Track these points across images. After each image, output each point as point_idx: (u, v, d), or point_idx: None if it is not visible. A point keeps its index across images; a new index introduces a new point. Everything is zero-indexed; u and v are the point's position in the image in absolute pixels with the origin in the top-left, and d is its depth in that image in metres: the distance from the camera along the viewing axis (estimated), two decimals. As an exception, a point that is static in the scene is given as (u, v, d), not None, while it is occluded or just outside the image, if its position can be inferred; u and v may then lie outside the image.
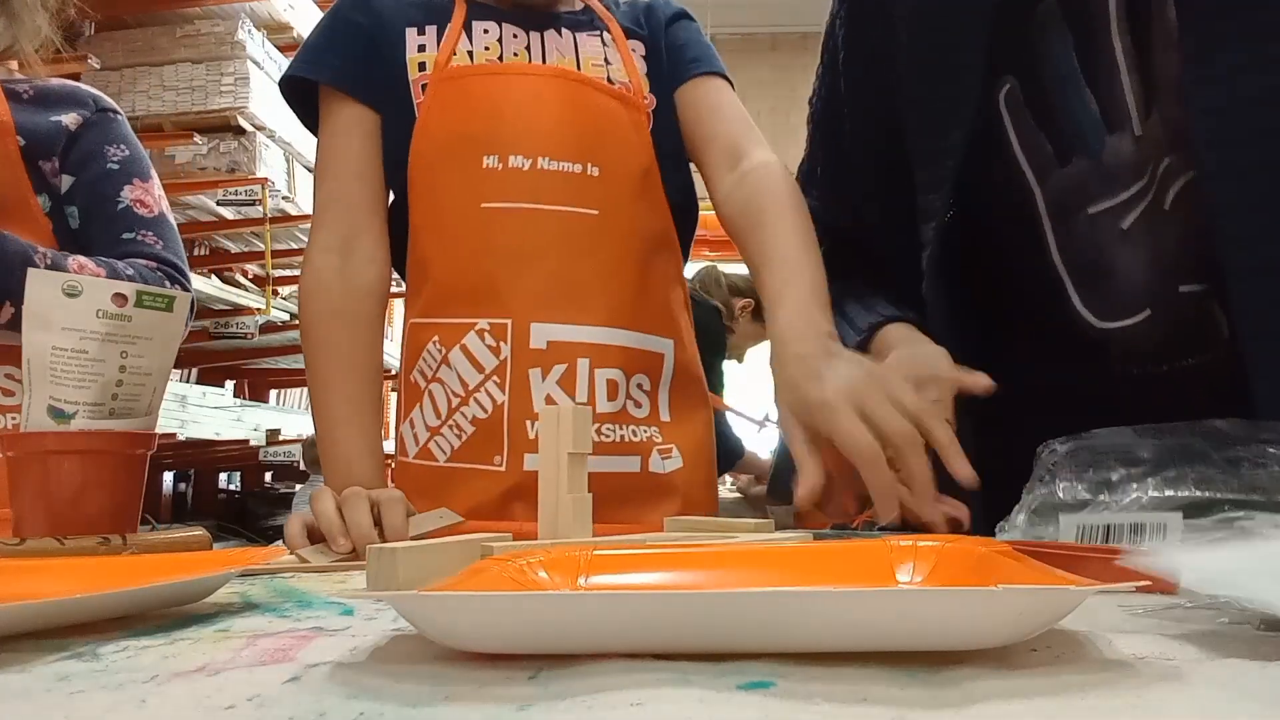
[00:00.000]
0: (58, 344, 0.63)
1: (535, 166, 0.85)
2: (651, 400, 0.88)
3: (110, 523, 0.62)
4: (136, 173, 1.11)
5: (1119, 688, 0.28)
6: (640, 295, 0.88)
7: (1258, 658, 0.32)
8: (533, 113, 0.87)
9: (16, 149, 1.04)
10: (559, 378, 0.83)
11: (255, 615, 0.42)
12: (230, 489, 4.93)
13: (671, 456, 0.89)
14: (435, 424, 0.85)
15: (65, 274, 0.65)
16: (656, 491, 0.87)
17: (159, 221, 1.10)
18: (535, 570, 0.38)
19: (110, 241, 1.06)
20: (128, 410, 0.66)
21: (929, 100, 0.75)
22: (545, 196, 0.85)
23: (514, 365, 0.83)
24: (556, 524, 0.59)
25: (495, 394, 0.83)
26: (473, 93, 0.87)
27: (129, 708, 0.27)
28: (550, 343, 0.83)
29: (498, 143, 0.85)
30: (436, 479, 0.84)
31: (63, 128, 1.07)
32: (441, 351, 0.85)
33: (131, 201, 1.08)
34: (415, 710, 0.26)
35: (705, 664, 0.30)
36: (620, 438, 0.86)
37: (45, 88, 1.11)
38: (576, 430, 0.59)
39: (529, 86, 0.88)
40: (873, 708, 0.26)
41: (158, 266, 1.06)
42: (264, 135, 2.88)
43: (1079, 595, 0.31)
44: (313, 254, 0.87)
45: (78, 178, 1.07)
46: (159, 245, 1.08)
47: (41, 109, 1.08)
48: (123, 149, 1.11)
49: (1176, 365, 0.73)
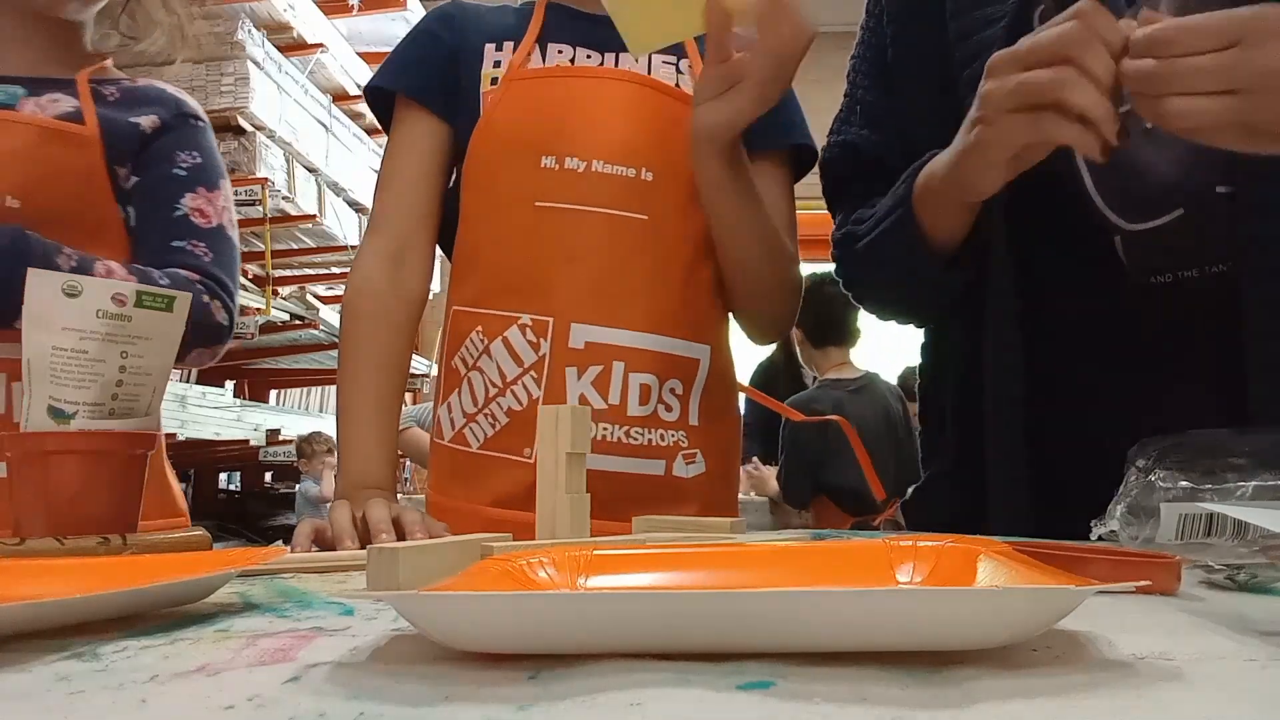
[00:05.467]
0: (58, 344, 0.63)
1: (590, 169, 0.86)
2: (682, 405, 0.89)
3: (110, 523, 0.62)
4: (203, 181, 1.06)
5: (1119, 688, 0.28)
6: (682, 301, 0.89)
7: (1258, 658, 0.32)
8: (592, 116, 0.88)
9: (103, 163, 1.00)
10: (594, 378, 0.85)
11: (255, 615, 0.42)
12: (230, 489, 4.93)
13: (695, 461, 0.89)
14: (472, 411, 0.88)
15: (65, 274, 0.65)
16: (676, 495, 0.87)
17: (215, 234, 1.05)
18: (535, 570, 0.38)
19: (159, 248, 1.02)
20: (128, 410, 0.66)
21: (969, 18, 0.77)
22: (596, 199, 0.86)
23: (552, 362, 0.85)
24: (555, 524, 0.59)
25: (531, 388, 0.85)
26: (539, 94, 0.89)
27: (129, 708, 0.27)
28: (588, 343, 0.85)
29: (556, 144, 0.87)
30: (468, 464, 0.88)
31: (139, 130, 1.04)
32: (484, 342, 0.88)
33: (190, 209, 1.04)
34: (415, 710, 0.26)
35: (705, 664, 0.30)
36: (648, 441, 0.87)
37: (132, 89, 1.08)
38: (575, 430, 0.59)
39: (593, 89, 0.89)
40: (873, 708, 0.26)
41: (200, 280, 1.01)
42: (264, 135, 2.88)
43: (1079, 595, 0.31)
44: (365, 257, 0.91)
45: (141, 179, 1.04)
46: (208, 258, 1.03)
47: (124, 110, 1.05)
48: (195, 156, 1.07)
49: (1206, 271, 0.72)
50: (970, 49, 0.79)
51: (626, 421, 0.85)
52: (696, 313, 0.90)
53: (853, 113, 0.92)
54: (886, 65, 0.89)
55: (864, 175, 0.89)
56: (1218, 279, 0.71)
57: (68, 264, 0.92)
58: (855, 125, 0.91)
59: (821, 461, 2.60)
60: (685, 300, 0.89)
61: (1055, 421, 0.76)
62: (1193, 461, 0.56)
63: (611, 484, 0.82)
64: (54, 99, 1.01)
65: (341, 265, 3.73)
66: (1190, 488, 0.54)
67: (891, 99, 0.89)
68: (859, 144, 0.89)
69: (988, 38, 0.77)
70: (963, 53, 0.79)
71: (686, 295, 0.89)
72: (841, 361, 2.79)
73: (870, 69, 0.92)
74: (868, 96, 0.91)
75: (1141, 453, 0.59)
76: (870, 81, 0.91)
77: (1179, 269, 0.72)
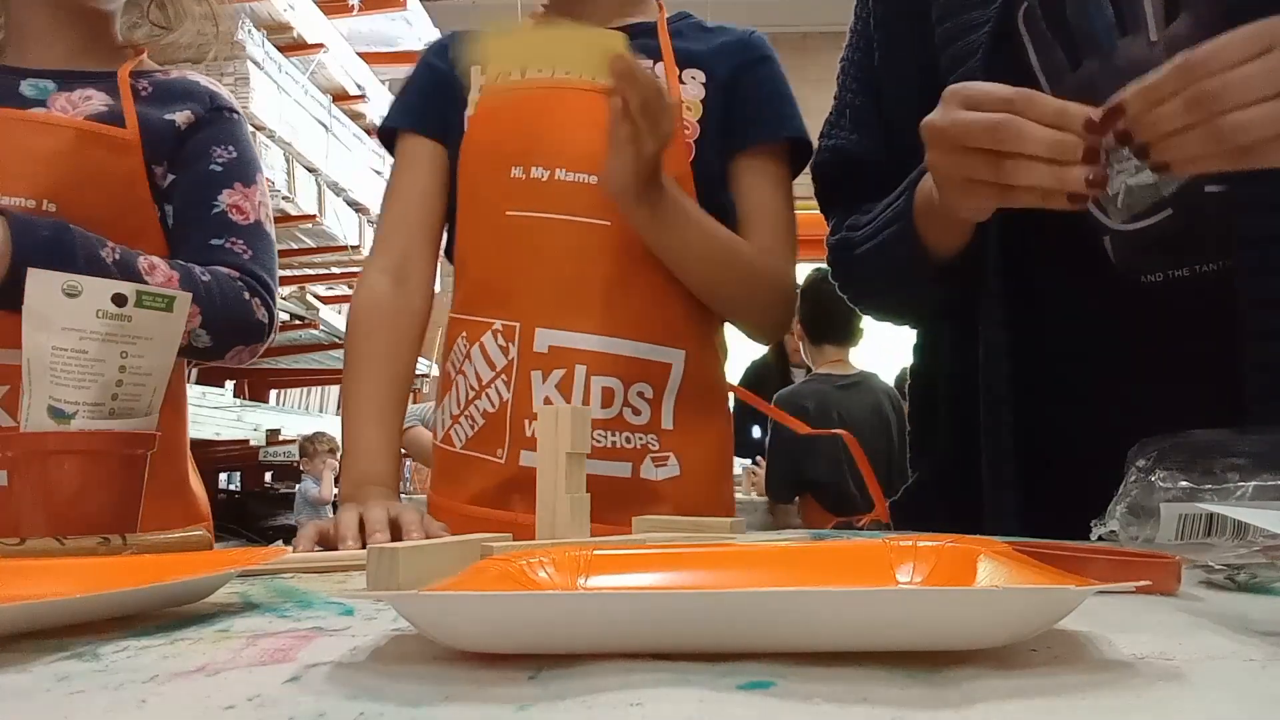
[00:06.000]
0: (58, 344, 0.63)
1: (553, 177, 0.89)
2: (653, 408, 0.89)
3: (110, 523, 0.62)
4: (240, 176, 1.05)
5: (1119, 688, 0.28)
6: (651, 304, 0.89)
7: (1258, 658, 0.32)
8: (555, 126, 0.90)
9: (143, 166, 0.99)
10: (557, 382, 0.87)
11: (255, 615, 0.42)
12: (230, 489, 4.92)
13: (667, 464, 0.90)
14: (456, 412, 0.93)
15: (65, 274, 0.65)
16: (646, 498, 0.88)
17: (253, 230, 1.04)
18: (535, 570, 0.38)
19: (199, 246, 1.01)
20: (128, 410, 0.66)
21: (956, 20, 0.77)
22: (560, 206, 0.89)
23: (519, 366, 0.88)
24: (555, 523, 0.59)
25: (502, 391, 0.88)
26: (511, 108, 0.93)
27: (129, 708, 0.27)
28: (551, 347, 0.87)
29: (524, 155, 0.90)
30: (454, 463, 0.92)
31: (175, 127, 1.03)
32: (466, 346, 0.92)
33: (228, 206, 1.03)
34: (415, 710, 0.26)
35: (705, 664, 0.30)
36: (612, 444, 0.88)
37: (165, 83, 1.06)
38: (575, 431, 0.59)
39: (556, 100, 0.91)
40: (873, 708, 0.26)
41: (240, 276, 1.01)
42: (264, 135, 2.87)
43: (1079, 595, 0.31)
44: (370, 273, 0.95)
45: (179, 176, 1.03)
46: (247, 255, 1.02)
47: (158, 105, 1.03)
48: (230, 150, 1.05)
49: (1197, 271, 0.71)
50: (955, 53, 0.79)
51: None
52: (669, 316, 0.90)
53: (842, 116, 0.92)
54: (874, 67, 0.89)
55: (854, 179, 0.89)
56: (1210, 278, 0.71)
57: (111, 257, 0.91)
58: (844, 129, 0.91)
59: (804, 457, 2.60)
60: (655, 303, 0.89)
61: (1048, 422, 0.76)
62: (1193, 461, 0.56)
63: None
64: (86, 95, 1.00)
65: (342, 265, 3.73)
66: (1190, 488, 0.54)
67: (879, 102, 0.89)
68: (849, 148, 0.90)
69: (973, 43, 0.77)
70: (948, 59, 0.79)
71: (656, 298, 0.89)
72: (837, 359, 2.78)
73: (859, 72, 0.92)
74: (856, 100, 0.91)
75: (1141, 453, 0.59)
76: (859, 85, 0.91)
77: (1170, 269, 0.72)
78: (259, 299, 1.02)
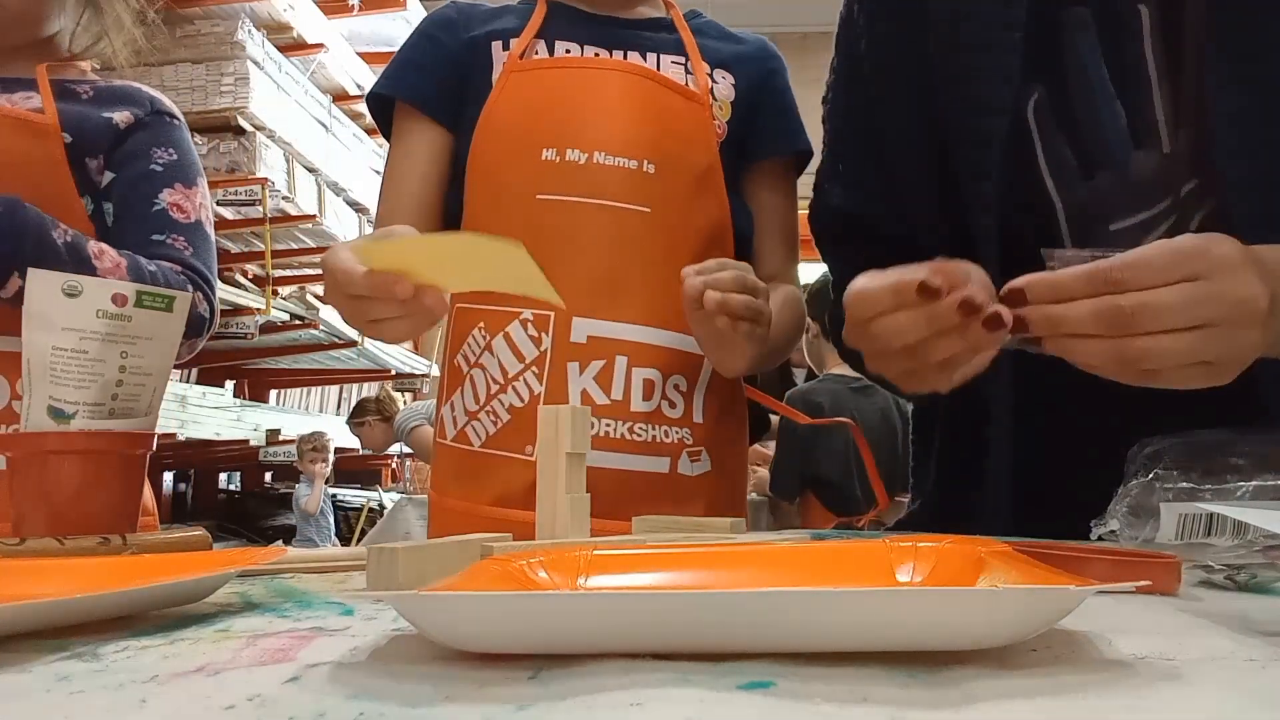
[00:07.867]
0: (58, 344, 0.63)
1: (591, 161, 0.86)
2: (687, 401, 0.88)
3: (110, 523, 0.62)
4: (180, 178, 1.07)
5: (1119, 688, 0.28)
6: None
7: (1258, 658, 0.32)
8: (594, 107, 0.87)
9: (62, 152, 1.01)
10: (596, 373, 0.84)
11: (255, 615, 0.42)
12: (230, 489, 4.93)
13: (700, 459, 0.89)
14: (474, 409, 0.87)
15: (65, 274, 0.65)
16: (681, 494, 0.87)
17: (193, 229, 1.06)
18: (535, 570, 0.38)
19: (140, 241, 1.02)
20: (128, 410, 0.66)
21: (963, 103, 0.74)
22: (598, 191, 0.85)
23: (553, 357, 0.84)
24: (555, 524, 0.59)
25: (533, 384, 0.84)
26: (539, 86, 0.88)
27: (129, 708, 0.27)
28: (590, 337, 0.84)
29: (557, 136, 0.86)
30: (470, 462, 0.87)
31: (113, 125, 1.05)
32: (485, 338, 0.87)
33: (168, 205, 1.05)
34: (415, 710, 0.26)
35: (705, 664, 0.30)
36: (652, 438, 0.86)
37: (106, 88, 1.08)
38: (575, 430, 0.59)
39: (593, 80, 0.88)
40: (873, 708, 0.26)
41: (182, 271, 1.03)
42: (264, 135, 2.88)
43: (1079, 595, 0.31)
44: None
45: (118, 175, 1.05)
46: (188, 252, 1.04)
47: (97, 106, 1.05)
48: (170, 153, 1.07)
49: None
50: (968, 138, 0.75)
51: (630, 417, 0.84)
52: None
53: (834, 170, 0.89)
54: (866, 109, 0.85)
55: (855, 238, 0.86)
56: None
57: (62, 239, 0.92)
58: (840, 185, 0.88)
59: (812, 453, 2.60)
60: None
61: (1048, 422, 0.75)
62: (1193, 461, 0.56)
63: (615, 482, 0.81)
64: (27, 96, 1.02)
65: (342, 265, 3.72)
66: (1190, 488, 0.54)
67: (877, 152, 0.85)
68: (846, 207, 0.87)
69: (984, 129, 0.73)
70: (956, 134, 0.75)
71: None
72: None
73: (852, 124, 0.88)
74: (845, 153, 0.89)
75: (1141, 453, 0.59)
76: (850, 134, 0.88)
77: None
78: (200, 293, 1.03)
